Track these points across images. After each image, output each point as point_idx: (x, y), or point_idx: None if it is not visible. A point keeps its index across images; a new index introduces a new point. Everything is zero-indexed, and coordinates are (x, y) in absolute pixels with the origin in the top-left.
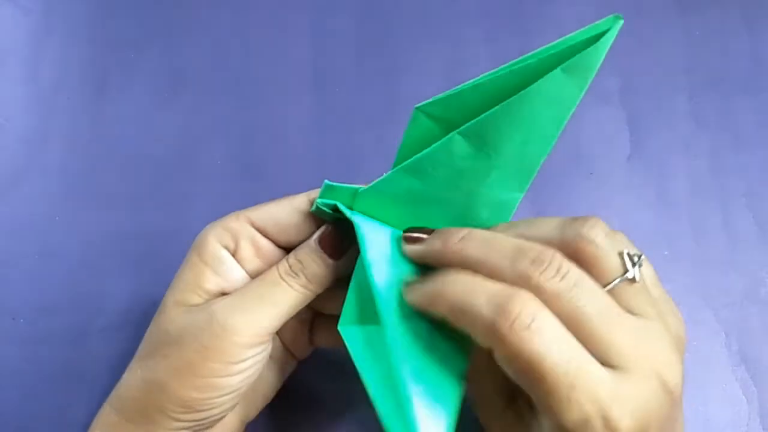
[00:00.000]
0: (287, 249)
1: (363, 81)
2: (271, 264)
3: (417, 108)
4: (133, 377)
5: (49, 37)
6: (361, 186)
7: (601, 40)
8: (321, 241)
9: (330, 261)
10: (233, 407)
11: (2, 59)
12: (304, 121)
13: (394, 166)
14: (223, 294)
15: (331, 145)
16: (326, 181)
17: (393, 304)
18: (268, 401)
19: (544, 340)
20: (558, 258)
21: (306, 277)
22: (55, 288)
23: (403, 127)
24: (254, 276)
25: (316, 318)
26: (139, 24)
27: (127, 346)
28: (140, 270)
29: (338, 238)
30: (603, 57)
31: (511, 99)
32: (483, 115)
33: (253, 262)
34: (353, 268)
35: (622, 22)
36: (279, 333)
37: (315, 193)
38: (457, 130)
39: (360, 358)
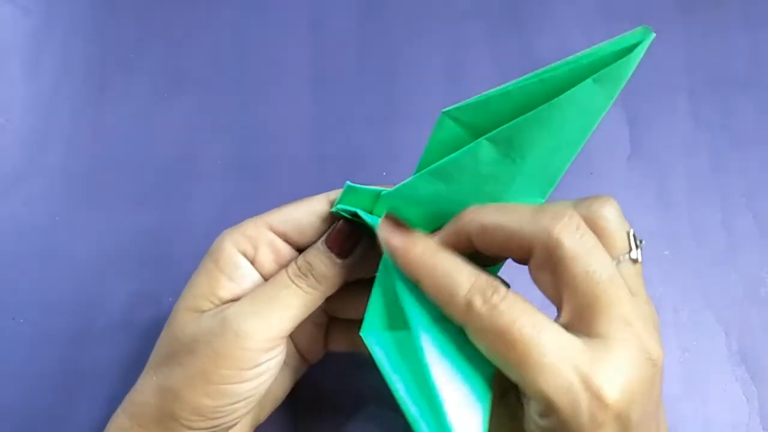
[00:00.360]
0: None
1: (363, 81)
2: None
3: (444, 112)
4: (147, 384)
5: (49, 37)
6: (384, 188)
7: (634, 52)
8: (328, 241)
9: (339, 261)
10: (247, 414)
11: (2, 59)
12: (304, 121)
13: (418, 169)
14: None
15: (331, 145)
16: (348, 182)
17: (421, 308)
18: (279, 404)
19: (513, 310)
20: (576, 217)
21: (315, 278)
22: (55, 288)
23: (403, 126)
24: None
25: (332, 323)
26: (139, 24)
27: (128, 346)
28: (140, 270)
29: (346, 236)
30: (633, 69)
31: (542, 107)
32: (513, 122)
33: (273, 268)
34: (367, 269)
35: (654, 35)
36: (293, 337)
37: (335, 194)
38: (486, 136)
39: (387, 363)
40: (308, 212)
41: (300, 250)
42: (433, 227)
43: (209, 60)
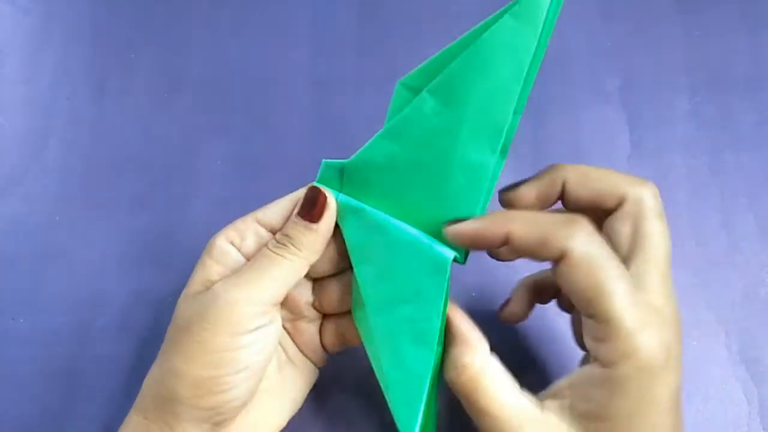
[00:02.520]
0: None
1: (362, 81)
2: None
3: (399, 82)
4: (150, 376)
5: (49, 37)
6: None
7: None
8: (299, 211)
9: (313, 226)
10: (248, 394)
11: (2, 59)
12: (304, 121)
13: None
14: None
15: (331, 145)
16: (324, 160)
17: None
18: (298, 407)
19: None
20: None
21: (294, 246)
22: (55, 288)
23: None
24: None
25: (324, 320)
26: (139, 24)
27: (127, 346)
28: (140, 270)
29: (312, 200)
30: (549, 3)
31: (467, 50)
32: (445, 69)
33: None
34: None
35: None
36: (296, 340)
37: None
38: (425, 88)
39: (363, 336)
40: (290, 202)
41: None
42: (394, 197)
43: (209, 60)
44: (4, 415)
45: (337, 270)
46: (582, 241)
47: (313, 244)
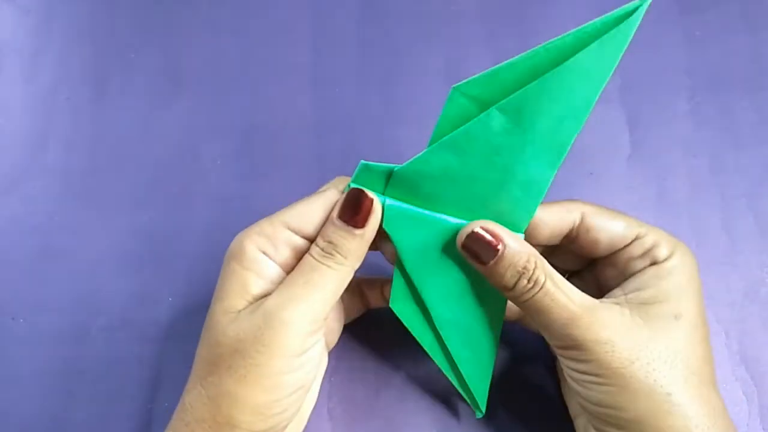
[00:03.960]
0: None
1: (362, 81)
2: None
3: (454, 88)
4: (196, 399)
5: (49, 37)
6: (396, 165)
7: (634, 14)
8: (340, 214)
9: (357, 231)
10: (297, 410)
11: (2, 59)
12: (304, 121)
13: (429, 145)
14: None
15: (331, 145)
16: (362, 161)
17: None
18: (315, 399)
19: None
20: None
21: (341, 254)
22: (55, 288)
23: (403, 126)
24: None
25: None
26: (139, 24)
27: (127, 346)
28: (140, 270)
29: (355, 204)
30: (633, 32)
31: (549, 73)
32: (521, 90)
33: (294, 263)
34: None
35: (650, 0)
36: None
37: (343, 182)
38: (496, 105)
39: (413, 327)
40: (322, 206)
41: None
42: (443, 205)
43: (209, 60)
44: (4, 415)
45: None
46: (588, 202)
47: (358, 250)
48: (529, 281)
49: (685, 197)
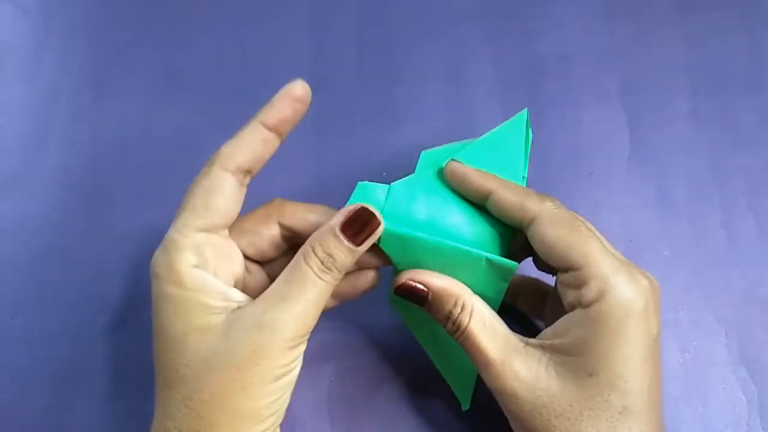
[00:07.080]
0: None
1: (363, 82)
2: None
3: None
4: (184, 419)
5: (49, 38)
6: (391, 184)
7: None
8: (346, 229)
9: (355, 248)
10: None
11: (2, 59)
12: (304, 121)
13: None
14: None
15: (331, 145)
16: (359, 183)
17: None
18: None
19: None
20: None
21: (338, 270)
22: (55, 288)
23: (403, 127)
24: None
25: None
26: (139, 24)
27: (127, 347)
28: (140, 270)
29: (364, 223)
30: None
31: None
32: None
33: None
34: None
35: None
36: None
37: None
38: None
39: (410, 322)
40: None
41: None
42: (441, 220)
43: (208, 60)
44: (4, 415)
45: (281, 254)
46: (553, 205)
47: (350, 265)
48: (453, 324)
49: (685, 197)
